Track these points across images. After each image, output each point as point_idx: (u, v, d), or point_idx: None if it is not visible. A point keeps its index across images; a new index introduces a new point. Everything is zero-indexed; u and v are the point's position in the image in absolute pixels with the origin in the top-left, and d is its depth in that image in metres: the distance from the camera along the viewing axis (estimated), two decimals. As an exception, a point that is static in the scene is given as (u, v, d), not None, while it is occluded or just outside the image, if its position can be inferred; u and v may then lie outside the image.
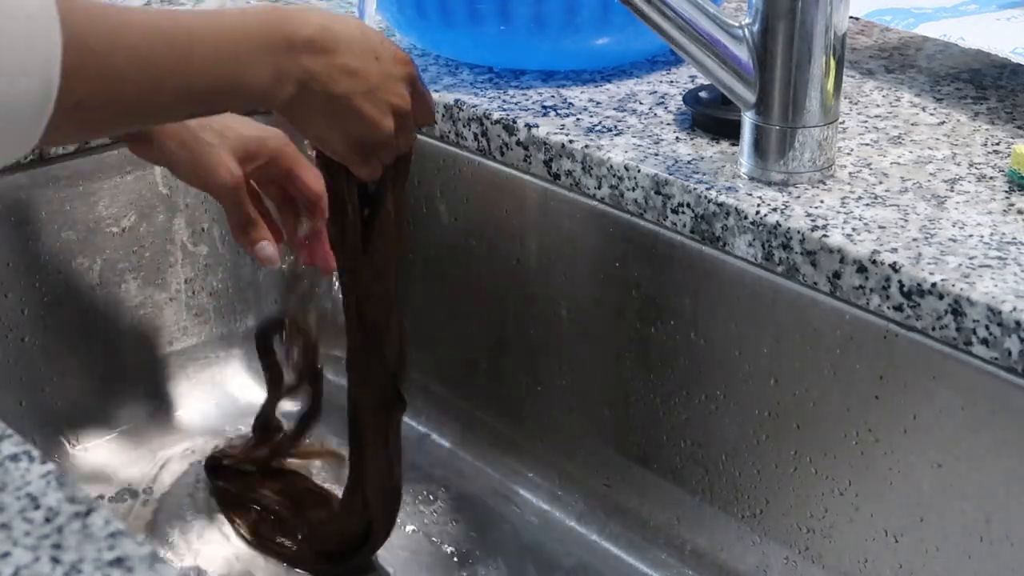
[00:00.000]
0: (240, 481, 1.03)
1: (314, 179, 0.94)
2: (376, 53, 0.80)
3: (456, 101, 1.02)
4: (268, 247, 0.94)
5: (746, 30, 0.84)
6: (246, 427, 1.11)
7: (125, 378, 1.09)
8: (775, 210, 0.83)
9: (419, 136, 1.05)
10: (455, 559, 0.98)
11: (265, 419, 1.03)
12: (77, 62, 0.64)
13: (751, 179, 0.86)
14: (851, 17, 0.97)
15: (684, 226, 0.87)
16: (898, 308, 0.76)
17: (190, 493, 1.04)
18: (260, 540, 0.99)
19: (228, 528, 1.00)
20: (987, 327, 0.72)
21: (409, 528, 1.01)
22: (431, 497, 1.04)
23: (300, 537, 0.98)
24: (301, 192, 0.95)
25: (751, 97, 0.84)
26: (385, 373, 0.91)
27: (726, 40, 0.83)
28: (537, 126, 0.96)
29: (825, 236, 0.79)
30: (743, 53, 0.84)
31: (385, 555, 0.97)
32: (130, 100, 0.70)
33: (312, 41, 0.76)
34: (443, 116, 1.02)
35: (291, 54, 0.75)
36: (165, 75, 0.70)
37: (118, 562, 0.50)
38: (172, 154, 0.91)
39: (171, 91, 0.71)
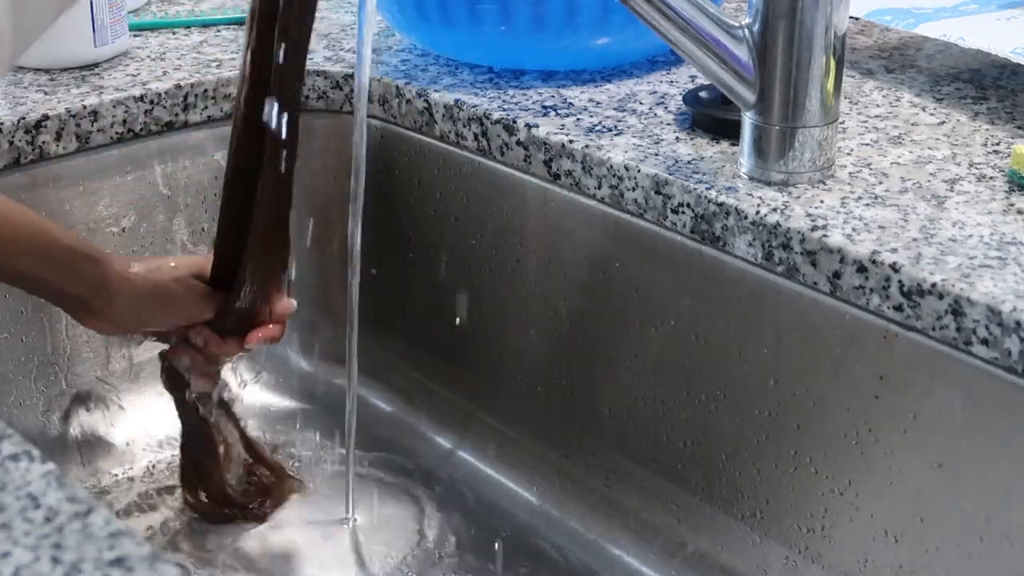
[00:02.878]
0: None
1: None
2: (169, 298, 0.93)
3: (456, 101, 1.02)
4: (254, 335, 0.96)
5: (746, 30, 0.84)
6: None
7: (125, 378, 1.09)
8: (775, 210, 0.83)
9: (419, 136, 1.05)
10: (454, 559, 0.98)
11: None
12: None
13: (751, 179, 0.86)
14: (851, 17, 0.97)
15: (684, 226, 0.87)
16: (898, 308, 0.76)
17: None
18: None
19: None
20: (987, 327, 0.72)
21: (403, 525, 1.01)
22: (428, 496, 1.04)
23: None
24: None
25: (751, 97, 0.84)
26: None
27: (726, 40, 0.83)
28: (537, 126, 0.96)
29: (825, 236, 0.79)
30: (743, 53, 0.84)
31: (382, 553, 0.97)
32: None
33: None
34: (443, 116, 1.03)
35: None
36: None
37: (118, 562, 0.50)
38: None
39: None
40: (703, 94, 0.96)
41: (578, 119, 0.97)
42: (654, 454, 0.95)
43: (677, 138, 0.93)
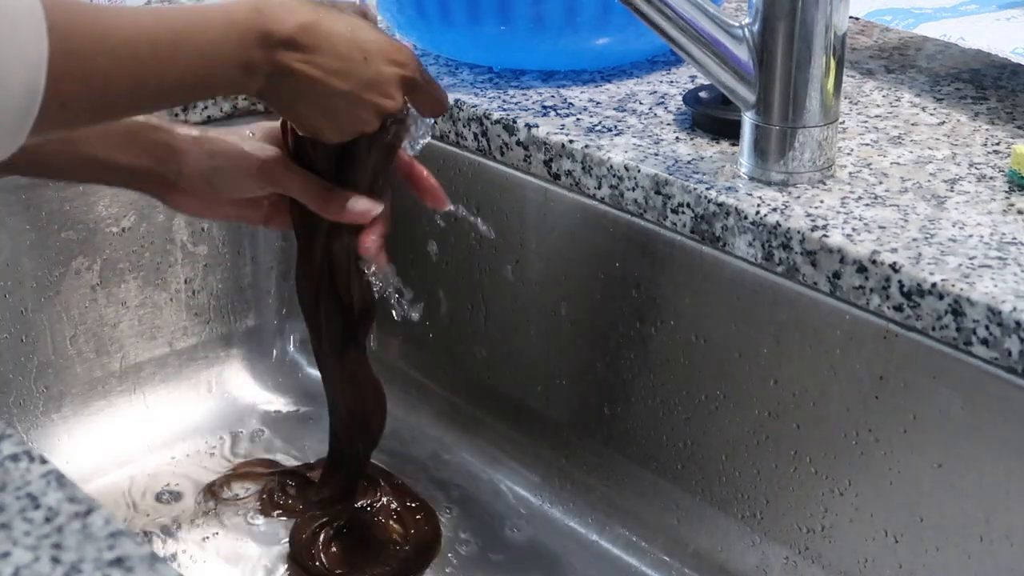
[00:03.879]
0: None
1: None
2: (364, 53, 0.79)
3: (456, 101, 1.02)
4: (359, 201, 0.85)
5: (746, 30, 0.84)
6: (246, 427, 1.11)
7: (125, 378, 1.09)
8: (775, 210, 0.83)
9: (419, 136, 1.05)
10: (453, 559, 0.98)
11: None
12: (63, 66, 0.65)
13: (751, 179, 0.86)
14: (851, 17, 0.97)
15: (684, 226, 0.87)
16: (898, 308, 0.76)
17: (194, 499, 1.04)
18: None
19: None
20: (987, 327, 0.72)
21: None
22: (427, 496, 1.04)
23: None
24: None
25: (751, 97, 0.84)
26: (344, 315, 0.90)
27: (726, 40, 0.83)
28: (537, 126, 0.96)
29: (825, 236, 0.79)
30: (743, 53, 0.84)
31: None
32: (113, 100, 0.71)
33: (291, 39, 0.75)
34: (443, 116, 1.02)
35: (265, 50, 0.75)
36: (149, 76, 0.71)
37: (118, 562, 0.50)
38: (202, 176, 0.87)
39: (153, 90, 0.72)
40: (703, 94, 0.96)
41: (578, 119, 0.97)
42: (654, 454, 0.95)
43: (677, 138, 0.93)
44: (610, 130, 0.95)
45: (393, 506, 1.00)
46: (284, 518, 1.00)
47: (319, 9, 0.78)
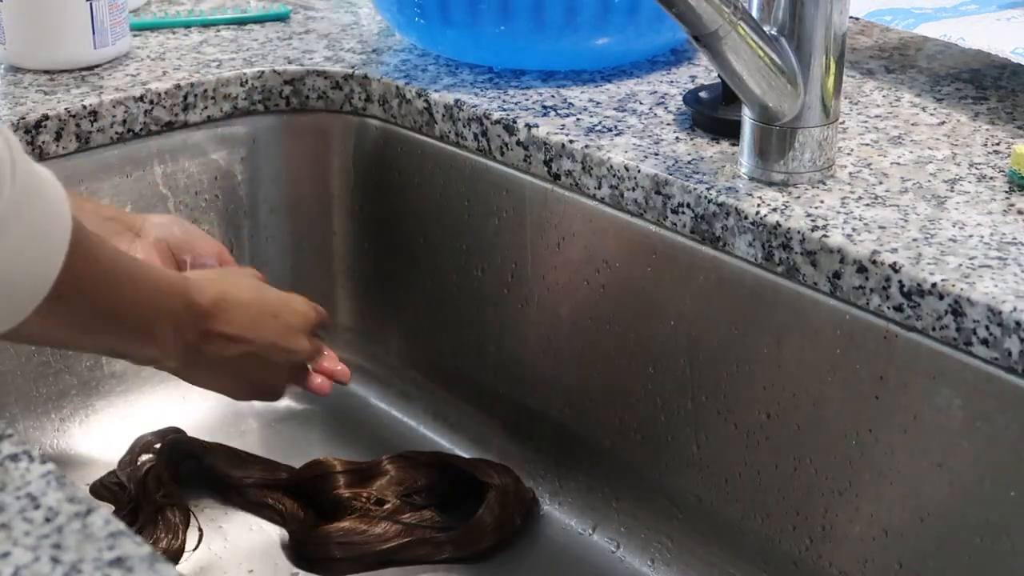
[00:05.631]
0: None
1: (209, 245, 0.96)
2: (274, 312, 0.88)
3: (456, 101, 1.02)
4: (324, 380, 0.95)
5: (746, 30, 0.83)
6: (246, 427, 1.11)
7: (125, 378, 1.09)
8: (775, 210, 0.83)
9: (419, 136, 1.05)
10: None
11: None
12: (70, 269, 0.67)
13: (751, 179, 0.86)
14: (851, 17, 0.97)
15: (684, 226, 0.87)
16: (898, 308, 0.76)
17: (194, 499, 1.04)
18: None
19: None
20: (987, 327, 0.72)
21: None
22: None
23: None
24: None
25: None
26: None
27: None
28: (537, 126, 0.96)
29: (825, 236, 0.79)
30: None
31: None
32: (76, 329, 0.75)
33: (211, 307, 0.83)
34: (443, 116, 1.03)
35: (191, 319, 0.81)
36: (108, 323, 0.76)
37: (118, 562, 0.50)
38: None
39: (104, 340, 0.79)
40: (703, 94, 0.96)
41: (578, 119, 0.97)
42: (654, 454, 0.94)
43: (677, 138, 0.93)
44: (610, 130, 0.95)
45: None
46: (284, 527, 0.99)
47: (225, 277, 0.88)
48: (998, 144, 0.92)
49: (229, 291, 0.85)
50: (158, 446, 1.03)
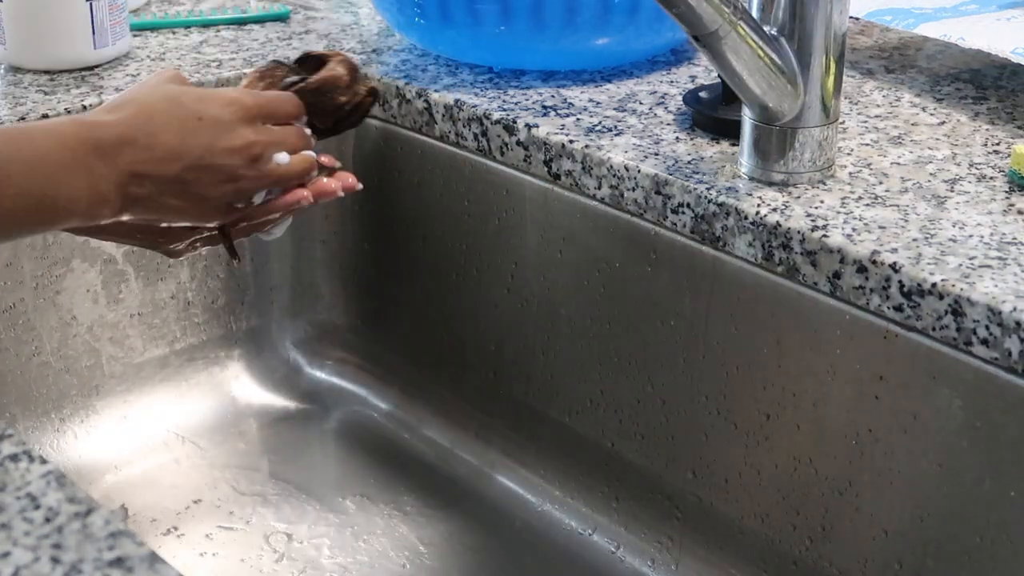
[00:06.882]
0: None
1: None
2: (197, 114, 0.77)
3: (456, 101, 1.02)
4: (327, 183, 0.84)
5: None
6: (246, 427, 1.11)
7: (125, 378, 1.09)
8: (775, 210, 0.83)
9: (419, 136, 1.05)
10: (453, 558, 0.98)
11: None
12: None
13: (751, 179, 0.87)
14: (851, 17, 0.97)
15: (684, 226, 0.87)
16: (898, 308, 0.76)
17: (194, 499, 1.04)
18: None
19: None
20: (987, 327, 0.72)
21: (406, 529, 1.01)
22: (427, 497, 1.04)
23: None
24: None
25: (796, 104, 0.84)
26: None
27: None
28: (537, 126, 0.96)
29: (825, 236, 0.79)
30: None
31: (385, 557, 0.97)
32: None
33: (123, 138, 0.74)
34: (443, 116, 1.03)
35: (105, 160, 0.73)
36: None
37: (118, 562, 0.50)
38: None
39: (22, 216, 0.70)
40: (703, 94, 0.96)
41: (578, 119, 0.97)
42: (654, 454, 0.95)
43: (677, 138, 0.93)
44: (610, 130, 0.95)
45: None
46: (286, 538, 0.99)
47: (134, 99, 0.76)
48: (998, 144, 0.92)
49: (137, 117, 0.75)
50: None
